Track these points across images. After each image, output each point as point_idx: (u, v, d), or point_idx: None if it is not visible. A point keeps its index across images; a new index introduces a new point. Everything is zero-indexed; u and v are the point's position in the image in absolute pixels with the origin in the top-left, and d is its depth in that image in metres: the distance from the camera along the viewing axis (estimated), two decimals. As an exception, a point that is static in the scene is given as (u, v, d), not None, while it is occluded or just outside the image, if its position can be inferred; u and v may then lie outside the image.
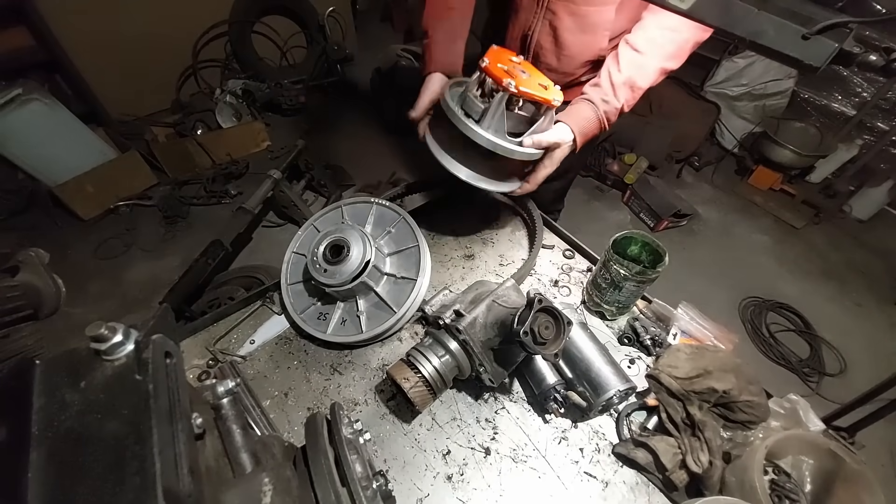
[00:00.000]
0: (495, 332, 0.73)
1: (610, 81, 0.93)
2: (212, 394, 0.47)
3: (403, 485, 0.71)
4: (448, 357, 0.74)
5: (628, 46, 0.92)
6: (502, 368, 0.74)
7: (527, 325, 0.63)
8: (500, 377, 0.73)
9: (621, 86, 0.92)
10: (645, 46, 0.90)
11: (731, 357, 0.76)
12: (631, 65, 0.91)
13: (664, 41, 0.89)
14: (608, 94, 0.93)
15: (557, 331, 0.67)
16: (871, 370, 2.08)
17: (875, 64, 0.43)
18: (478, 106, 0.83)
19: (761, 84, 3.03)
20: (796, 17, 0.44)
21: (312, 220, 0.99)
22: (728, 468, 0.68)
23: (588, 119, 0.92)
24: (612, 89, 0.93)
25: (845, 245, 2.76)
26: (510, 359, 0.74)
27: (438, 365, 0.73)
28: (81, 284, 2.24)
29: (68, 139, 2.47)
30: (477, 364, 0.73)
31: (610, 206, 2.91)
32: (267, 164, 2.72)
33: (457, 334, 0.73)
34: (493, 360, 0.73)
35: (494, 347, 0.73)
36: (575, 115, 0.92)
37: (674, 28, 0.88)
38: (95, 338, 0.34)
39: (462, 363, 0.74)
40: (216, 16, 3.20)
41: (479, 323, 0.73)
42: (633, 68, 0.91)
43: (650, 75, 0.92)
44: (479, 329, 0.73)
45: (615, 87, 0.92)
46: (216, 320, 0.93)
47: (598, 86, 0.94)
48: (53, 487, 0.29)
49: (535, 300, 0.65)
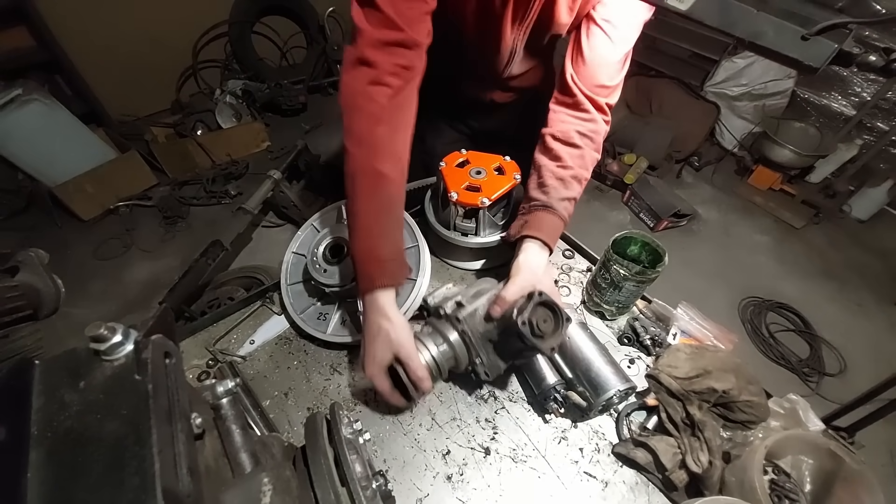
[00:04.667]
0: (494, 325, 0.72)
1: (557, 178, 0.85)
2: (211, 394, 0.47)
3: (403, 485, 0.71)
4: (446, 346, 0.73)
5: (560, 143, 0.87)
6: (499, 362, 0.73)
7: (525, 316, 0.63)
8: (496, 370, 0.73)
9: (571, 180, 0.86)
10: (580, 141, 0.86)
11: (730, 357, 0.76)
12: (573, 158, 0.86)
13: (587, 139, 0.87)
14: (561, 190, 0.85)
15: (556, 325, 0.67)
16: (871, 370, 2.08)
17: (875, 64, 0.43)
18: (467, 226, 0.94)
19: (761, 84, 3.03)
20: (796, 17, 0.44)
21: (312, 220, 0.99)
22: (728, 468, 0.68)
23: (555, 228, 0.84)
24: (563, 184, 0.85)
25: (845, 245, 2.76)
26: (507, 352, 0.74)
27: (436, 353, 0.72)
28: (81, 284, 2.24)
29: (68, 139, 2.48)
30: (474, 355, 0.73)
31: (610, 206, 2.91)
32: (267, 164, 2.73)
33: (456, 324, 0.73)
34: (491, 353, 0.73)
35: (493, 339, 0.73)
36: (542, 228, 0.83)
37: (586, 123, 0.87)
38: (95, 338, 0.34)
39: (459, 354, 0.74)
40: (216, 16, 3.20)
41: (479, 315, 0.73)
42: (576, 161, 0.86)
43: (589, 167, 0.88)
44: (479, 321, 0.73)
45: (566, 181, 0.85)
46: (216, 320, 0.93)
47: (545, 186, 0.85)
48: (53, 487, 0.29)
49: (534, 293, 0.65)
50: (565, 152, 0.86)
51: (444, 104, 1.14)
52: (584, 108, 0.86)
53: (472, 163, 0.95)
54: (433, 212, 1.00)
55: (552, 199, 0.84)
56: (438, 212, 0.98)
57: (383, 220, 0.74)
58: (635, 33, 0.81)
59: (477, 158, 0.96)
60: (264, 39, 3.54)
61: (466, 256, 1.02)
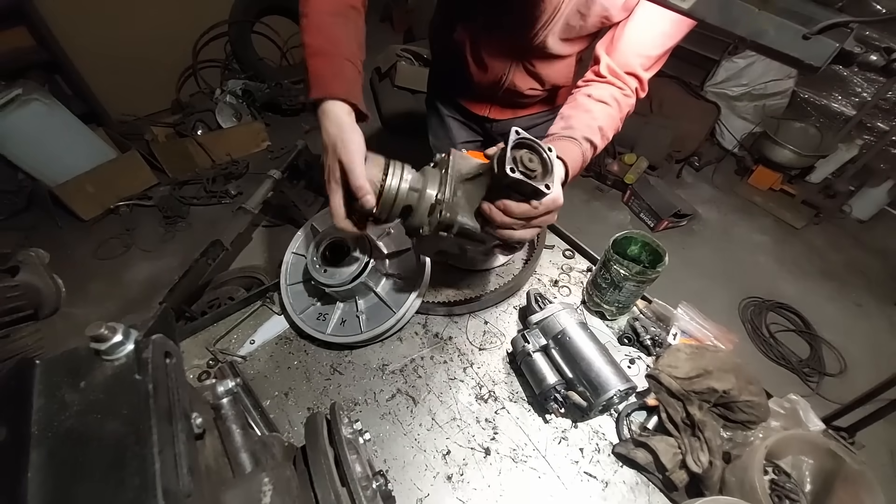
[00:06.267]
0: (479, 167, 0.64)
1: (584, 123, 0.80)
2: (212, 394, 0.47)
3: (403, 485, 0.71)
4: (418, 181, 0.63)
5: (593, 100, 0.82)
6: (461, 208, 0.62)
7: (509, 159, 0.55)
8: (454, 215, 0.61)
9: (597, 129, 0.80)
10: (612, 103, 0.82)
11: (731, 357, 0.76)
12: (603, 114, 0.81)
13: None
14: (585, 130, 0.79)
15: (543, 166, 0.59)
16: (871, 370, 2.08)
17: (875, 64, 0.43)
18: None
19: (761, 84, 3.03)
20: (797, 16, 0.44)
21: (312, 221, 0.99)
22: (728, 468, 0.68)
23: (575, 157, 0.77)
24: (589, 128, 0.80)
25: (845, 245, 2.76)
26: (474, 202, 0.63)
27: (404, 181, 0.63)
28: (81, 284, 2.24)
29: (68, 139, 2.47)
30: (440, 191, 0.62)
31: (610, 206, 2.91)
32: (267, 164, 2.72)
33: (443, 160, 0.64)
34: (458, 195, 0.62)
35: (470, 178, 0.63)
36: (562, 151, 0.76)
37: None
38: (95, 338, 0.34)
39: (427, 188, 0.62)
40: (216, 16, 3.20)
41: (469, 163, 0.65)
42: (606, 118, 0.81)
43: (614, 126, 0.84)
44: (467, 166, 0.64)
45: (591, 127, 0.80)
46: (216, 320, 0.93)
47: (571, 127, 0.80)
48: (53, 487, 0.29)
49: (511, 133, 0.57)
50: (597, 107, 0.81)
51: (453, 85, 1.09)
52: (617, 85, 0.82)
53: None
54: None
55: (576, 134, 0.78)
56: None
57: (341, 21, 0.67)
58: (678, 31, 0.76)
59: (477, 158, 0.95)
60: (264, 39, 3.54)
61: (467, 256, 1.02)
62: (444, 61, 1.16)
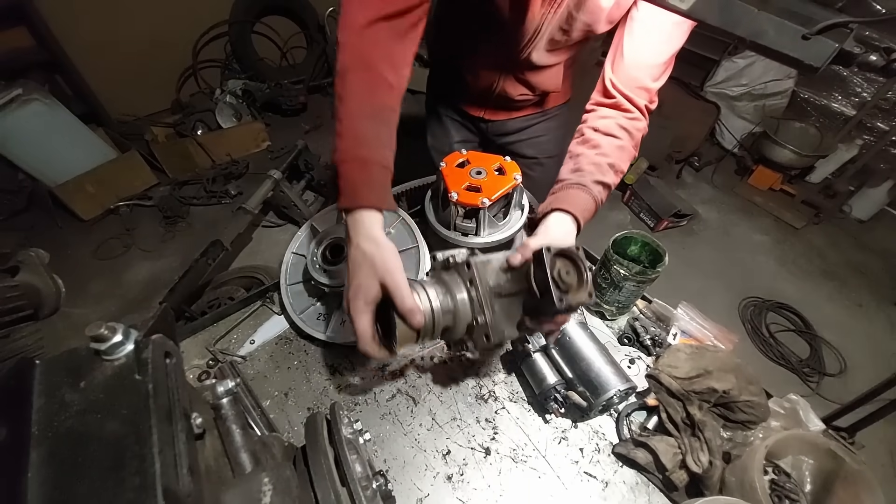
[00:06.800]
0: (508, 278, 0.62)
1: (593, 163, 0.79)
2: (212, 394, 0.47)
3: (403, 485, 0.71)
4: (447, 298, 0.61)
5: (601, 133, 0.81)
6: (504, 326, 0.62)
7: (547, 264, 0.54)
8: (499, 335, 0.61)
9: (608, 167, 0.79)
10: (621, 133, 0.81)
11: (731, 357, 0.76)
12: (613, 148, 0.80)
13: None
14: (596, 174, 0.77)
15: (580, 279, 0.58)
16: (871, 370, 2.08)
17: (875, 64, 0.43)
18: (467, 226, 0.89)
19: (761, 84, 3.03)
20: (796, 17, 0.44)
21: (312, 221, 0.99)
22: (728, 468, 0.68)
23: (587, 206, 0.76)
24: (599, 168, 0.78)
25: (845, 245, 2.76)
26: (519, 314, 0.63)
27: (434, 301, 0.60)
28: (81, 284, 2.24)
29: (68, 139, 2.47)
30: (477, 311, 0.61)
31: (610, 206, 2.91)
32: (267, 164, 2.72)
33: (465, 271, 0.62)
34: (498, 313, 0.62)
35: (504, 294, 0.62)
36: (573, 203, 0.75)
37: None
38: (95, 338, 0.34)
39: (461, 311, 0.61)
40: (216, 16, 3.20)
41: (492, 267, 0.63)
42: (616, 152, 0.80)
43: (628, 157, 0.82)
44: (493, 272, 0.62)
45: (601, 167, 0.78)
46: (216, 320, 0.93)
47: (580, 170, 0.79)
48: (53, 487, 0.29)
49: (548, 248, 0.57)
50: (605, 141, 0.80)
51: (450, 90, 1.11)
52: (624, 107, 0.82)
53: (473, 163, 0.95)
54: (433, 212, 1.00)
55: (586, 179, 0.77)
56: (438, 212, 0.98)
57: (376, 125, 0.64)
58: (682, 35, 0.75)
59: (477, 158, 0.96)
60: (264, 39, 3.54)
61: None
62: (440, 66, 1.18)
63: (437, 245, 1.02)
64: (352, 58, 0.63)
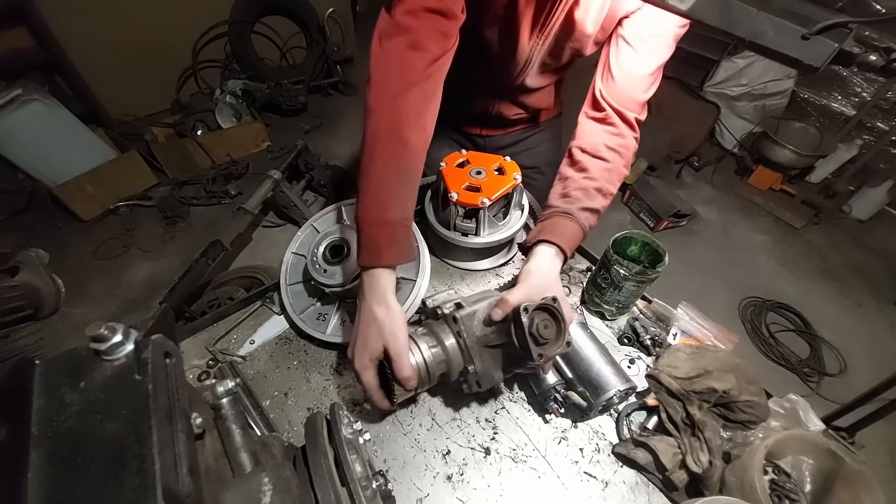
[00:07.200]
0: (493, 330, 0.69)
1: (581, 188, 0.84)
2: (211, 394, 0.47)
3: (403, 485, 0.71)
4: (439, 349, 0.69)
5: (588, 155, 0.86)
6: (493, 372, 0.70)
7: (526, 317, 0.60)
8: (488, 381, 0.69)
9: (595, 192, 0.84)
10: (610, 155, 0.85)
11: (731, 357, 0.76)
12: (600, 171, 0.85)
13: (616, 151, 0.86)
14: (584, 200, 0.83)
15: (557, 333, 0.65)
16: (871, 370, 2.08)
17: (875, 64, 0.43)
18: (467, 226, 0.93)
19: (761, 84, 3.03)
20: (796, 17, 0.44)
21: (312, 221, 0.99)
22: (728, 468, 0.68)
23: (573, 236, 0.82)
24: (587, 194, 0.84)
25: (845, 245, 2.76)
26: (504, 362, 0.71)
27: (427, 355, 0.68)
28: (81, 284, 2.24)
29: (68, 139, 2.47)
30: (467, 361, 0.69)
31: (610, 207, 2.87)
32: (267, 164, 2.73)
33: (452, 325, 0.70)
34: (487, 360, 0.69)
35: (490, 345, 0.69)
36: (559, 234, 0.80)
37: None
38: (95, 338, 0.34)
39: (453, 359, 0.70)
40: (216, 16, 3.20)
41: (478, 317, 0.70)
42: (604, 174, 0.85)
43: (618, 177, 0.87)
44: (478, 324, 0.70)
45: (589, 192, 0.84)
46: (216, 320, 0.93)
47: (568, 196, 0.84)
48: (53, 487, 0.29)
49: (525, 308, 0.63)
50: (592, 164, 0.85)
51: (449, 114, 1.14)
52: (612, 122, 0.85)
53: (473, 163, 0.95)
54: (433, 212, 1.00)
55: (573, 207, 0.82)
56: (438, 212, 0.98)
57: (398, 187, 0.69)
58: (665, 48, 0.79)
59: (477, 159, 0.96)
60: (264, 39, 3.54)
61: (466, 256, 1.02)
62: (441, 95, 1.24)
63: (437, 245, 1.02)
64: (384, 126, 0.68)
